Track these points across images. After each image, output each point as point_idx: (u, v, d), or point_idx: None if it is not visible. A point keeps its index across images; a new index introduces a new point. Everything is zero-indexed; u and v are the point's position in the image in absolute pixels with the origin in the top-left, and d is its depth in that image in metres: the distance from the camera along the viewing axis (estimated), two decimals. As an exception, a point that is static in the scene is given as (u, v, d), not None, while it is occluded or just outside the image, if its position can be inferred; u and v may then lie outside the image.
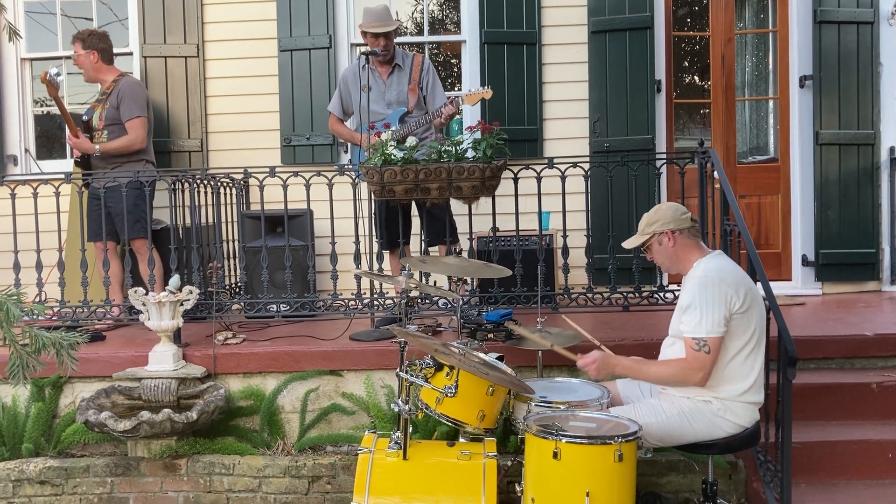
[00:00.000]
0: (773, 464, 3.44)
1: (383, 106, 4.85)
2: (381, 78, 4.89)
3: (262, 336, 4.56)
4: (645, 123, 5.81)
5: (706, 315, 2.95)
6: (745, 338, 3.02)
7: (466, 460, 2.97)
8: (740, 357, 3.02)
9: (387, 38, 4.76)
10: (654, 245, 3.20)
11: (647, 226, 3.19)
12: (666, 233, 3.14)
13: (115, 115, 4.97)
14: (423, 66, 4.87)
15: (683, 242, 3.15)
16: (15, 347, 2.56)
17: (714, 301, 2.95)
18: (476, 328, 3.84)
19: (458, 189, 4.27)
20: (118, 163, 4.98)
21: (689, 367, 3.00)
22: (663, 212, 3.19)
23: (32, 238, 4.74)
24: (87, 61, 5.09)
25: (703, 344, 2.96)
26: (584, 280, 4.79)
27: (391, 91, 4.86)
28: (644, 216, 3.24)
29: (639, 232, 3.24)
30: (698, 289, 3.00)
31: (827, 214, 5.83)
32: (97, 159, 5.00)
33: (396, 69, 4.88)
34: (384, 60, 4.85)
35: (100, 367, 4.25)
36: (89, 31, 5.12)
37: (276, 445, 4.16)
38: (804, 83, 5.88)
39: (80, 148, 4.94)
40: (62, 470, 4.00)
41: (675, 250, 3.15)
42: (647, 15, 5.79)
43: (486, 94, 4.66)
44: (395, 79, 4.87)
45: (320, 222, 5.09)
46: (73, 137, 4.90)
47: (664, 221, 3.15)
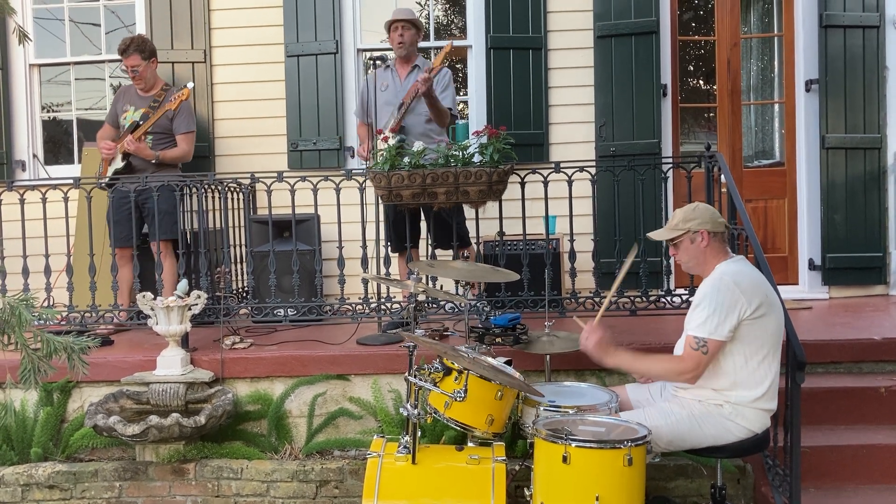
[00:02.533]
0: (782, 468, 3.43)
1: (394, 105, 4.88)
2: (399, 78, 4.93)
3: (269, 340, 4.57)
4: (651, 128, 5.81)
5: (712, 316, 2.96)
6: (759, 344, 3.01)
7: (475, 465, 2.97)
8: (753, 363, 3.01)
9: (404, 29, 4.84)
10: (684, 241, 3.18)
11: (683, 221, 3.16)
12: (702, 232, 3.13)
13: (166, 125, 5.03)
14: (441, 71, 4.89)
15: (714, 245, 3.15)
16: (27, 352, 2.57)
17: (723, 304, 2.96)
18: (484, 332, 3.84)
19: (465, 193, 4.28)
20: (155, 170, 5.03)
21: (683, 364, 3.03)
22: (701, 211, 3.18)
23: (40, 243, 4.76)
24: (149, 70, 5.12)
25: (703, 344, 2.97)
26: (591, 284, 4.78)
27: (405, 90, 4.89)
28: (678, 212, 3.22)
29: (671, 226, 3.21)
30: (711, 290, 3.01)
31: (833, 218, 5.82)
32: (140, 164, 5.02)
33: (415, 70, 4.92)
34: (403, 56, 4.88)
35: (108, 371, 4.27)
36: (142, 38, 5.13)
37: (283, 450, 4.16)
38: (810, 87, 5.88)
39: (140, 153, 4.95)
40: (71, 474, 4.01)
41: (704, 251, 3.15)
42: (653, 19, 5.80)
43: (447, 47, 4.67)
44: (412, 79, 4.90)
45: (327, 227, 5.10)
46: (135, 141, 4.91)
47: (702, 220, 3.14)
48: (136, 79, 5.10)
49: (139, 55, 5.06)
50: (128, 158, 5.02)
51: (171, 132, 5.09)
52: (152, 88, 5.17)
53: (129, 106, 5.17)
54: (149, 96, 5.15)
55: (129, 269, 4.97)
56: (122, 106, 5.19)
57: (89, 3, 6.27)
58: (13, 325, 2.42)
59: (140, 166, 5.04)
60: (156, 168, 5.04)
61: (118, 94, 5.31)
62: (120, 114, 5.18)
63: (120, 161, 5.03)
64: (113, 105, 5.30)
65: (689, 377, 3.03)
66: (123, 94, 5.27)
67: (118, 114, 5.20)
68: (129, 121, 5.10)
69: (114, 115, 5.25)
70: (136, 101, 5.16)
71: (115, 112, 5.23)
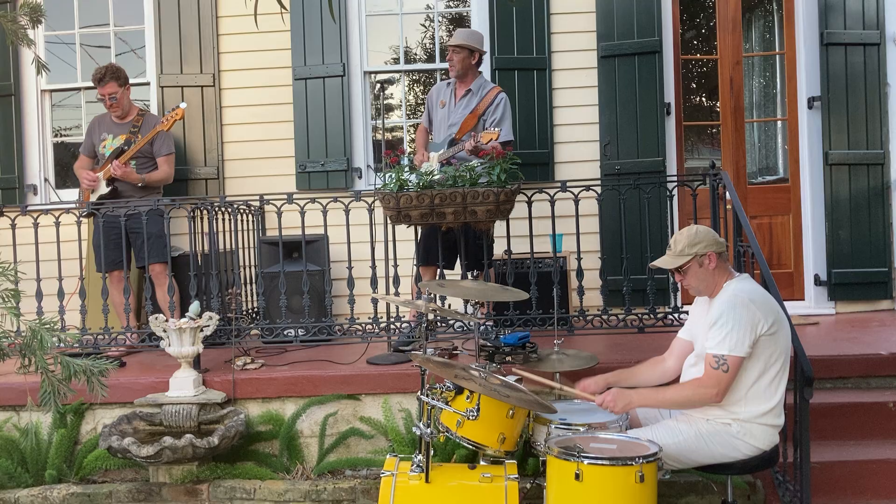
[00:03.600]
0: (792, 484, 3.45)
1: (447, 126, 4.99)
2: (455, 98, 5.03)
3: (280, 361, 4.61)
4: (655, 146, 5.86)
5: (731, 333, 2.96)
6: (770, 361, 3.02)
7: (488, 483, 3.00)
8: (765, 380, 3.03)
9: (453, 52, 4.94)
10: (692, 267, 3.16)
11: (689, 246, 3.14)
12: (709, 254, 3.13)
13: (146, 149, 5.13)
14: (495, 100, 4.95)
15: (720, 265, 3.16)
16: (46, 375, 2.62)
17: (742, 321, 2.96)
18: (494, 351, 3.88)
19: (472, 213, 4.33)
20: (141, 193, 5.12)
21: (704, 385, 2.99)
22: (703, 233, 3.17)
23: (52, 266, 4.82)
24: (125, 97, 5.22)
25: (723, 362, 2.96)
26: (599, 302, 4.82)
27: (456, 113, 4.98)
28: (679, 237, 3.20)
29: (676, 252, 3.19)
30: (728, 307, 3.02)
31: (838, 234, 5.86)
32: (126, 189, 5.11)
33: (469, 94, 5.00)
34: (458, 76, 5.00)
35: (121, 393, 4.30)
36: (116, 67, 5.22)
37: (295, 470, 4.19)
38: (813, 104, 5.94)
39: (128, 177, 5.04)
40: (85, 496, 4.04)
41: (713, 272, 3.15)
42: (656, 39, 5.87)
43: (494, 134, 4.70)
44: (465, 102, 4.99)
45: (335, 247, 5.16)
46: (122, 166, 5.00)
47: (707, 242, 3.14)
48: (114, 106, 5.18)
49: (115, 82, 5.15)
50: (113, 184, 5.10)
51: (152, 156, 5.18)
52: (128, 115, 5.26)
53: (107, 134, 5.25)
54: (126, 122, 5.24)
55: (119, 292, 5.02)
56: (100, 135, 5.27)
57: (99, 28, 6.36)
58: (34, 348, 2.46)
59: (125, 191, 5.13)
60: (142, 193, 5.11)
61: (92, 125, 5.38)
62: (97, 143, 5.26)
63: (105, 187, 5.11)
64: (88, 136, 5.36)
65: (713, 397, 2.99)
66: (98, 123, 5.34)
67: (95, 144, 5.27)
68: (110, 148, 5.17)
69: (90, 145, 5.32)
70: (113, 129, 5.25)
71: (92, 142, 5.31)
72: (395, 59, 6.52)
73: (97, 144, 5.26)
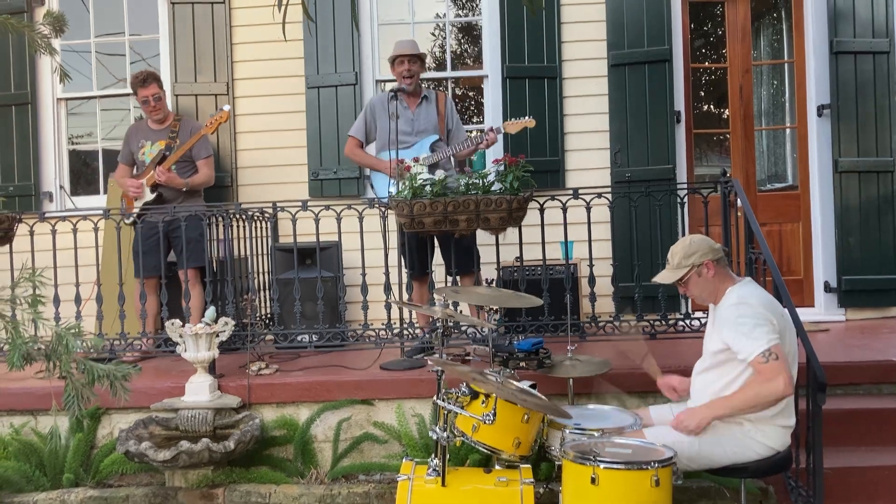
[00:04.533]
0: (805, 489, 3.47)
1: (412, 134, 4.97)
2: (410, 109, 5.03)
3: (294, 366, 4.65)
4: (665, 153, 5.90)
5: (757, 329, 2.96)
6: None
7: (504, 487, 3.02)
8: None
9: (411, 63, 4.92)
10: (692, 277, 3.18)
11: (685, 258, 3.17)
12: (706, 263, 3.15)
13: (186, 153, 5.17)
14: (447, 103, 5.04)
15: (719, 271, 3.18)
16: (70, 379, 2.66)
17: (758, 316, 2.99)
18: (508, 357, 3.91)
19: (485, 220, 4.37)
20: (184, 198, 5.19)
21: (768, 379, 2.93)
22: (698, 243, 3.19)
23: (68, 272, 4.87)
24: (164, 100, 5.29)
25: (770, 353, 2.93)
26: (610, 308, 4.85)
27: (420, 121, 4.99)
28: (675, 250, 3.22)
29: (674, 266, 3.21)
30: (737, 314, 3.04)
31: (848, 241, 5.88)
32: (171, 195, 5.17)
33: (424, 101, 5.03)
34: (411, 91, 4.99)
35: (136, 398, 4.30)
36: (153, 70, 5.30)
37: (309, 474, 4.22)
38: (822, 112, 5.97)
39: (172, 182, 5.08)
40: (102, 500, 4.07)
41: (713, 280, 3.17)
42: (666, 48, 5.92)
43: (530, 123, 4.75)
44: (424, 110, 5.01)
45: (348, 254, 5.20)
46: (166, 172, 5.05)
47: (703, 252, 3.15)
48: (155, 109, 5.21)
49: (156, 84, 5.21)
50: (157, 190, 5.15)
51: (191, 159, 5.23)
52: (166, 120, 5.31)
53: (146, 141, 5.28)
54: (164, 128, 5.27)
55: (156, 297, 5.08)
56: (138, 143, 5.29)
57: (114, 38, 6.44)
58: (60, 353, 2.51)
59: (170, 197, 5.16)
60: (184, 197, 5.17)
61: (129, 133, 5.40)
62: (136, 151, 5.29)
63: (150, 193, 5.15)
64: (125, 145, 5.38)
65: (782, 386, 2.92)
66: (135, 132, 5.37)
67: (133, 152, 5.31)
68: (150, 155, 5.21)
69: (128, 154, 5.35)
70: (150, 136, 5.28)
71: (130, 151, 5.33)
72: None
73: (136, 152, 5.28)
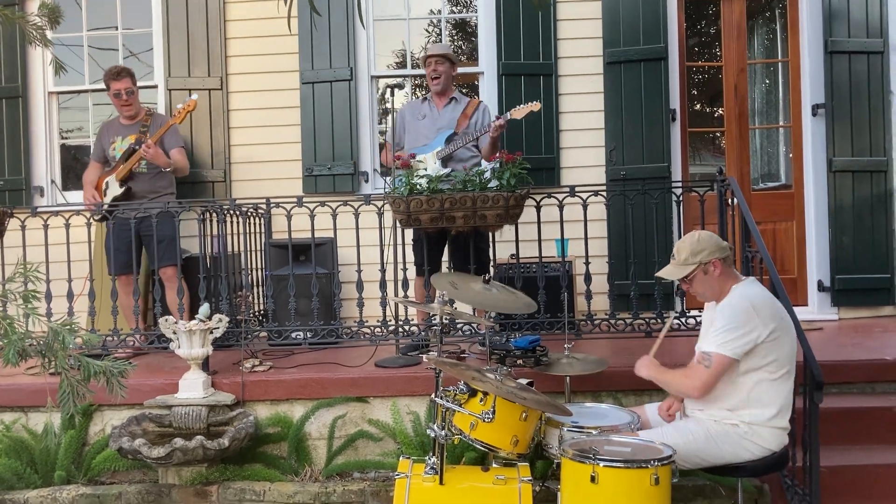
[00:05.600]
0: (801, 488, 3.48)
1: (435, 131, 4.98)
2: (437, 108, 5.03)
3: (288, 363, 4.62)
4: (660, 152, 5.90)
5: (724, 333, 3.00)
6: (775, 366, 3.04)
7: (502, 485, 3.01)
8: (765, 382, 3.05)
9: (438, 63, 4.93)
10: (698, 275, 3.16)
11: (692, 255, 3.14)
12: (713, 261, 3.12)
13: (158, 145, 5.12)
14: (479, 106, 5.03)
15: (725, 270, 3.16)
16: (66, 375, 2.62)
17: (739, 326, 2.99)
18: (505, 354, 3.90)
19: (482, 217, 4.35)
20: (154, 195, 5.16)
21: (688, 377, 3.11)
22: (706, 240, 3.17)
23: (60, 267, 4.83)
24: (137, 94, 5.26)
25: (706, 357, 3.02)
26: (606, 306, 4.85)
27: (443, 119, 4.99)
28: (682, 246, 3.19)
29: (680, 262, 3.18)
30: (729, 312, 3.05)
31: (842, 240, 5.90)
32: (140, 190, 5.14)
33: (453, 102, 5.03)
34: (438, 91, 4.99)
35: (129, 394, 4.12)
36: (125, 66, 5.26)
37: (303, 472, 4.20)
38: (817, 111, 5.98)
39: (158, 158, 5.03)
40: (95, 497, 4.04)
41: (719, 278, 3.15)
42: (662, 46, 5.92)
43: (535, 106, 4.74)
44: (449, 110, 5.01)
45: (343, 250, 5.18)
46: (154, 146, 4.99)
47: (711, 250, 3.13)
48: (126, 103, 5.19)
49: (129, 79, 5.20)
50: (126, 185, 5.12)
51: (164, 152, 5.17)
52: (137, 115, 5.28)
53: (117, 137, 5.27)
54: (135, 123, 5.25)
55: (129, 294, 5.04)
56: (109, 139, 5.28)
57: (107, 31, 6.38)
58: (55, 349, 2.47)
59: (140, 191, 5.14)
60: (154, 194, 5.15)
61: (102, 131, 5.40)
62: (107, 148, 5.27)
63: (118, 188, 5.13)
64: (98, 142, 5.37)
65: (694, 390, 3.08)
66: (107, 129, 5.36)
67: (105, 148, 5.29)
68: (120, 150, 5.18)
69: (100, 151, 5.33)
70: (121, 131, 5.27)
71: (102, 148, 5.32)
72: (398, 62, 6.56)
73: (107, 149, 5.27)
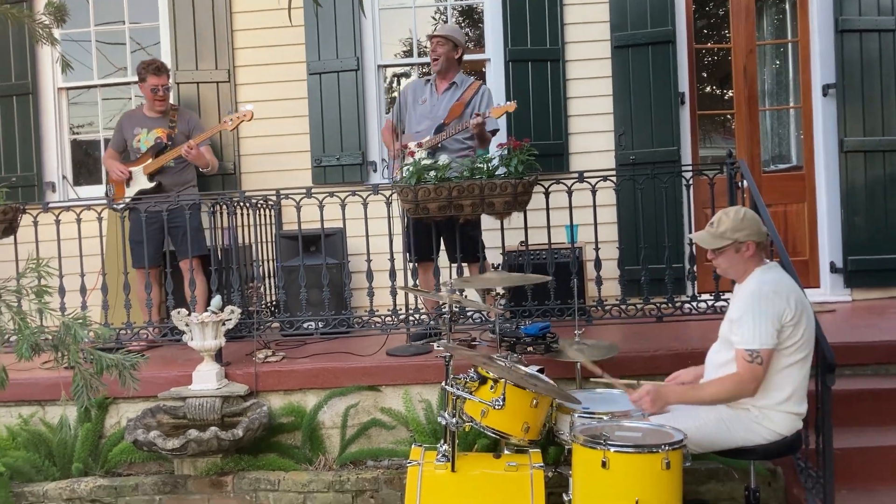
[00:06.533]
0: (814, 470, 3.47)
1: (431, 120, 4.97)
2: (437, 93, 5.03)
3: (300, 353, 4.64)
4: (670, 135, 5.87)
5: (758, 326, 2.95)
6: (793, 349, 3.02)
7: (514, 471, 3.03)
8: (779, 366, 3.03)
9: (437, 44, 4.93)
10: (729, 251, 3.12)
11: (731, 231, 3.09)
12: (748, 243, 3.09)
13: (182, 142, 5.15)
14: (479, 90, 5.00)
15: (756, 255, 3.12)
16: (79, 369, 2.66)
17: (766, 313, 2.96)
18: (515, 341, 3.90)
19: (490, 205, 4.35)
20: (181, 188, 5.22)
21: (743, 381, 2.97)
22: (749, 221, 3.11)
23: (73, 262, 4.87)
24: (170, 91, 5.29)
25: (756, 356, 2.95)
26: (616, 291, 4.84)
27: (440, 106, 4.99)
28: (725, 219, 3.12)
29: (717, 233, 3.12)
30: (752, 300, 3.01)
31: (854, 221, 5.85)
32: (168, 182, 5.18)
33: (453, 87, 5.02)
34: (439, 71, 4.98)
35: (144, 387, 4.19)
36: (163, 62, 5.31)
37: (317, 461, 4.23)
38: (827, 92, 5.93)
39: (199, 159, 5.11)
40: (112, 489, 4.09)
41: (747, 260, 3.12)
42: (669, 29, 5.87)
43: (510, 107, 4.74)
44: (448, 96, 5.00)
45: (353, 240, 5.19)
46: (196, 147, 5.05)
47: (751, 232, 3.09)
48: (161, 99, 5.22)
49: (167, 75, 5.26)
50: (156, 178, 5.14)
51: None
52: (165, 110, 5.30)
53: (141, 129, 5.27)
54: (161, 117, 5.27)
55: (158, 286, 5.08)
56: (132, 130, 5.28)
57: (114, 26, 6.40)
58: (68, 343, 2.50)
59: (169, 185, 5.16)
60: (181, 188, 5.18)
61: (123, 121, 5.39)
62: (130, 139, 5.28)
63: (147, 182, 5.14)
64: (118, 131, 5.37)
65: (751, 390, 2.98)
66: (129, 119, 5.36)
67: (127, 139, 5.29)
68: (146, 142, 5.20)
69: (120, 141, 5.34)
70: (146, 123, 5.27)
71: (122, 137, 5.32)
72: (405, 51, 6.54)
73: (130, 140, 5.27)
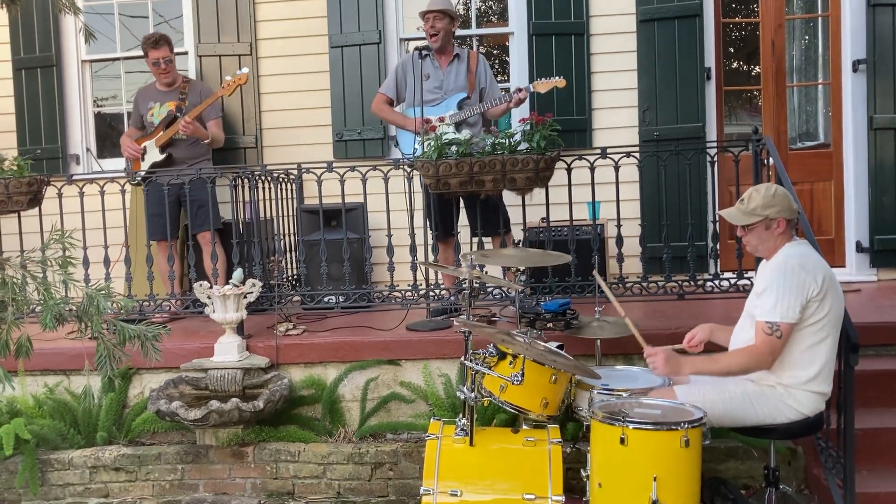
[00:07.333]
0: (835, 450, 3.44)
1: (441, 92, 4.96)
2: (441, 68, 4.99)
3: (321, 327, 4.68)
4: (695, 111, 5.79)
5: (781, 300, 2.93)
6: (819, 326, 2.99)
7: (532, 446, 3.04)
8: (805, 344, 3.00)
9: (436, 19, 4.89)
10: (759, 227, 3.09)
11: (762, 208, 3.06)
12: (779, 220, 3.06)
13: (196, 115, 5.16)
14: (479, 60, 5.01)
15: (786, 231, 3.10)
16: (102, 339, 2.69)
17: (791, 287, 2.93)
18: (535, 318, 3.89)
19: (511, 181, 4.32)
20: (194, 161, 5.24)
21: (760, 353, 2.97)
22: (780, 198, 3.08)
23: (96, 234, 4.91)
24: (174, 63, 5.30)
25: (776, 328, 2.93)
26: (638, 269, 4.81)
27: (449, 79, 4.97)
28: (756, 196, 3.10)
29: (748, 210, 3.10)
30: (777, 273, 2.99)
31: (881, 200, 5.75)
32: (181, 156, 5.21)
33: (456, 59, 5.00)
34: (438, 48, 4.94)
35: (166, 358, 4.33)
36: (163, 34, 5.30)
37: (337, 433, 4.27)
38: (857, 67, 5.80)
39: (198, 133, 5.12)
40: (135, 457, 4.16)
41: (777, 237, 3.09)
42: (696, 2, 5.76)
43: (560, 83, 4.72)
44: (454, 68, 4.98)
45: (374, 215, 5.19)
46: (192, 123, 5.04)
47: (782, 208, 3.06)
48: (165, 71, 5.24)
49: (167, 47, 5.24)
50: (167, 150, 5.17)
51: (201, 121, 5.24)
52: (174, 82, 5.32)
53: (154, 103, 5.31)
54: (172, 90, 5.29)
55: (177, 259, 5.12)
56: (146, 105, 5.33)
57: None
58: (91, 314, 2.53)
59: (180, 158, 5.19)
60: (194, 160, 5.21)
61: (138, 97, 5.45)
62: (144, 113, 5.33)
63: (159, 154, 5.18)
64: (135, 109, 5.44)
65: (767, 363, 2.98)
66: (143, 94, 5.41)
67: (143, 114, 5.34)
68: (158, 116, 5.24)
69: (137, 117, 5.40)
70: (158, 97, 5.31)
71: (139, 114, 5.38)
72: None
73: (145, 114, 5.33)
